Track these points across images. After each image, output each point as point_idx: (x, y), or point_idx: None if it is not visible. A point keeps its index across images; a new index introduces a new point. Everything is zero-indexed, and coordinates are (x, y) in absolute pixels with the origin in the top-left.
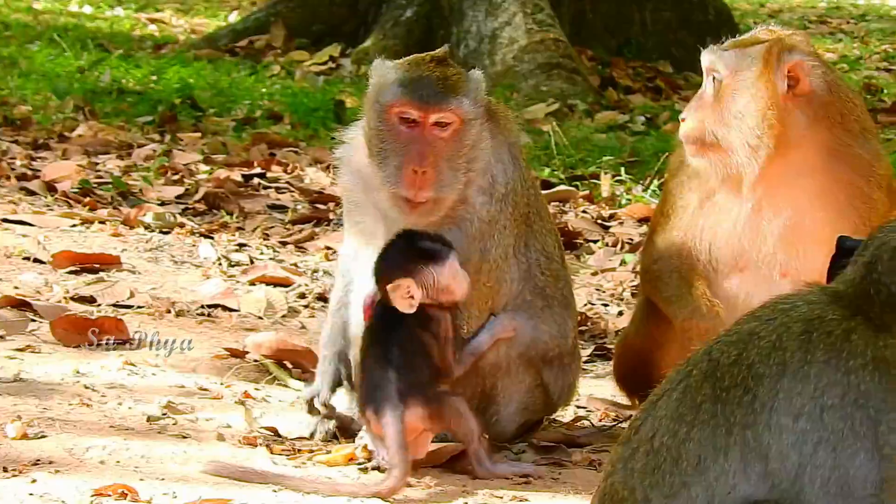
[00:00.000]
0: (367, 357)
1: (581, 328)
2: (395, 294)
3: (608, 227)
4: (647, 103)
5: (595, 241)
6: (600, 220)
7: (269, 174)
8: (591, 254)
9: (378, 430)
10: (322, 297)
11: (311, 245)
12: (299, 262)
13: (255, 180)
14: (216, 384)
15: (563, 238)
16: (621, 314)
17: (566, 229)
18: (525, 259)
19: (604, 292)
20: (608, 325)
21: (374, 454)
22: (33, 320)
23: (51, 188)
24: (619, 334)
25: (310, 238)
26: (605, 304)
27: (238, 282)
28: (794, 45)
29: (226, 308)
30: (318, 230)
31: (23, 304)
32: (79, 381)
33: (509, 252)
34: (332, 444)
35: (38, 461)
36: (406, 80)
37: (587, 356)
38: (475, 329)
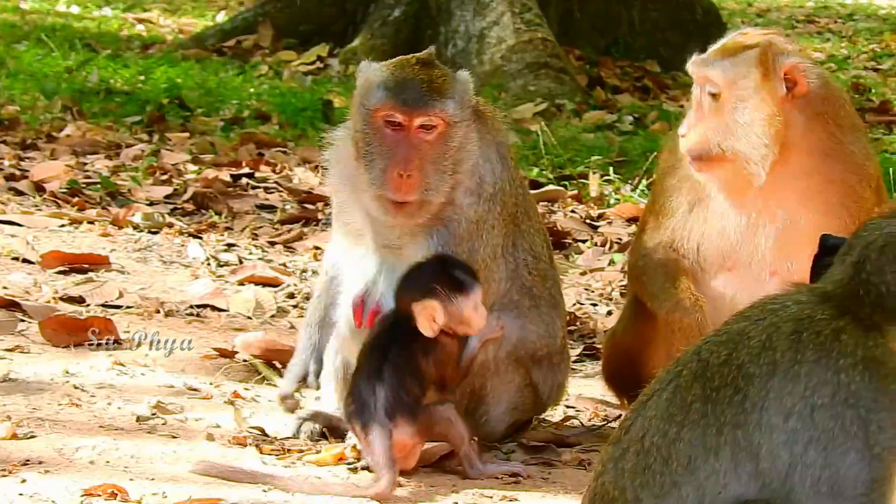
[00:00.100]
0: (360, 368)
1: (570, 328)
2: (421, 315)
3: (597, 227)
4: (634, 103)
5: (584, 241)
6: (589, 220)
7: (257, 174)
8: (579, 253)
9: (365, 444)
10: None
11: (300, 245)
12: (288, 262)
13: (244, 180)
14: (205, 384)
15: (551, 238)
16: (610, 314)
17: (555, 229)
18: (513, 259)
19: (592, 292)
20: (597, 325)
21: (362, 454)
22: (22, 320)
23: (39, 188)
24: (608, 333)
25: (298, 238)
26: (594, 304)
27: (227, 282)
28: (786, 48)
29: (215, 308)
30: (306, 230)
31: (12, 305)
32: (68, 381)
33: (497, 252)
34: (321, 444)
35: (27, 461)
36: (391, 83)
37: (576, 356)
38: None
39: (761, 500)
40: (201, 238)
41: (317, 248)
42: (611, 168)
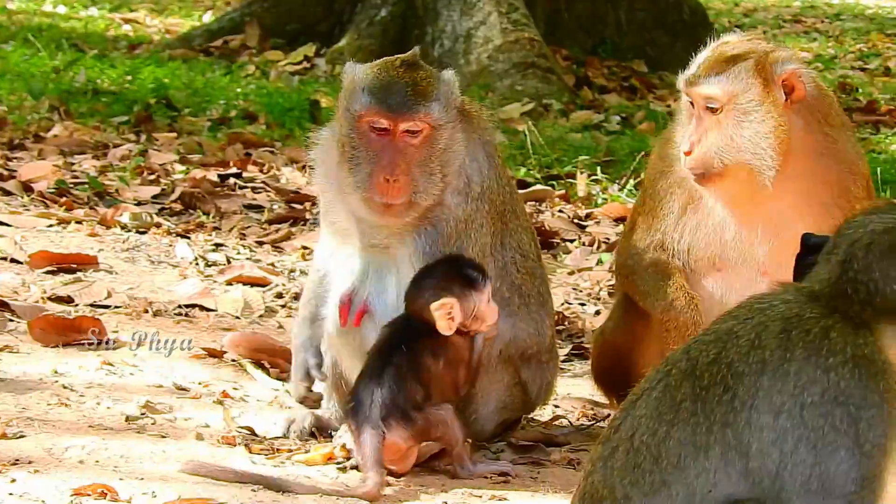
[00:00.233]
0: (364, 369)
1: (558, 327)
2: (439, 313)
3: (584, 227)
4: (622, 103)
5: (571, 241)
6: (576, 220)
7: (244, 174)
8: (567, 253)
9: (357, 444)
10: (299, 297)
11: (288, 245)
12: (276, 261)
13: (231, 180)
14: (194, 384)
15: (539, 238)
16: (598, 313)
17: (542, 229)
18: (501, 257)
19: (581, 291)
20: (585, 325)
21: (352, 453)
22: (11, 320)
23: (27, 188)
24: (596, 332)
25: (286, 238)
26: (582, 304)
27: (215, 281)
28: (780, 56)
29: (203, 308)
30: (294, 230)
31: (0, 305)
32: (57, 381)
33: (486, 250)
34: (310, 444)
35: (17, 461)
36: (375, 88)
37: (565, 355)
38: None
39: (751, 498)
40: (189, 238)
41: (305, 247)
42: (598, 168)
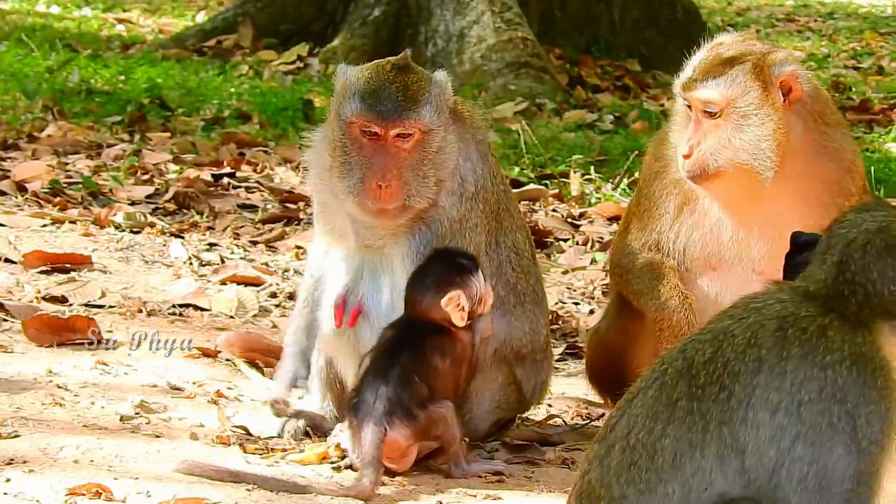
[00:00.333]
0: (369, 368)
1: (552, 327)
2: (451, 306)
3: (578, 226)
4: (615, 102)
5: (565, 240)
6: (570, 219)
7: (238, 174)
8: (561, 252)
9: (357, 441)
10: (293, 297)
11: (282, 244)
12: (270, 261)
13: (225, 180)
14: (189, 383)
15: (533, 237)
16: (592, 312)
17: (536, 228)
18: (496, 256)
19: (575, 291)
20: (579, 324)
21: (347, 452)
22: (5, 320)
23: (21, 188)
24: (590, 331)
25: (280, 237)
26: (577, 303)
27: (209, 281)
28: (777, 57)
29: (197, 307)
30: (288, 229)
31: None
32: (51, 381)
33: (481, 249)
34: (304, 443)
35: (11, 460)
36: (366, 93)
37: (559, 355)
38: None
39: (747, 497)
40: (183, 238)
41: (298, 247)
42: (592, 167)
